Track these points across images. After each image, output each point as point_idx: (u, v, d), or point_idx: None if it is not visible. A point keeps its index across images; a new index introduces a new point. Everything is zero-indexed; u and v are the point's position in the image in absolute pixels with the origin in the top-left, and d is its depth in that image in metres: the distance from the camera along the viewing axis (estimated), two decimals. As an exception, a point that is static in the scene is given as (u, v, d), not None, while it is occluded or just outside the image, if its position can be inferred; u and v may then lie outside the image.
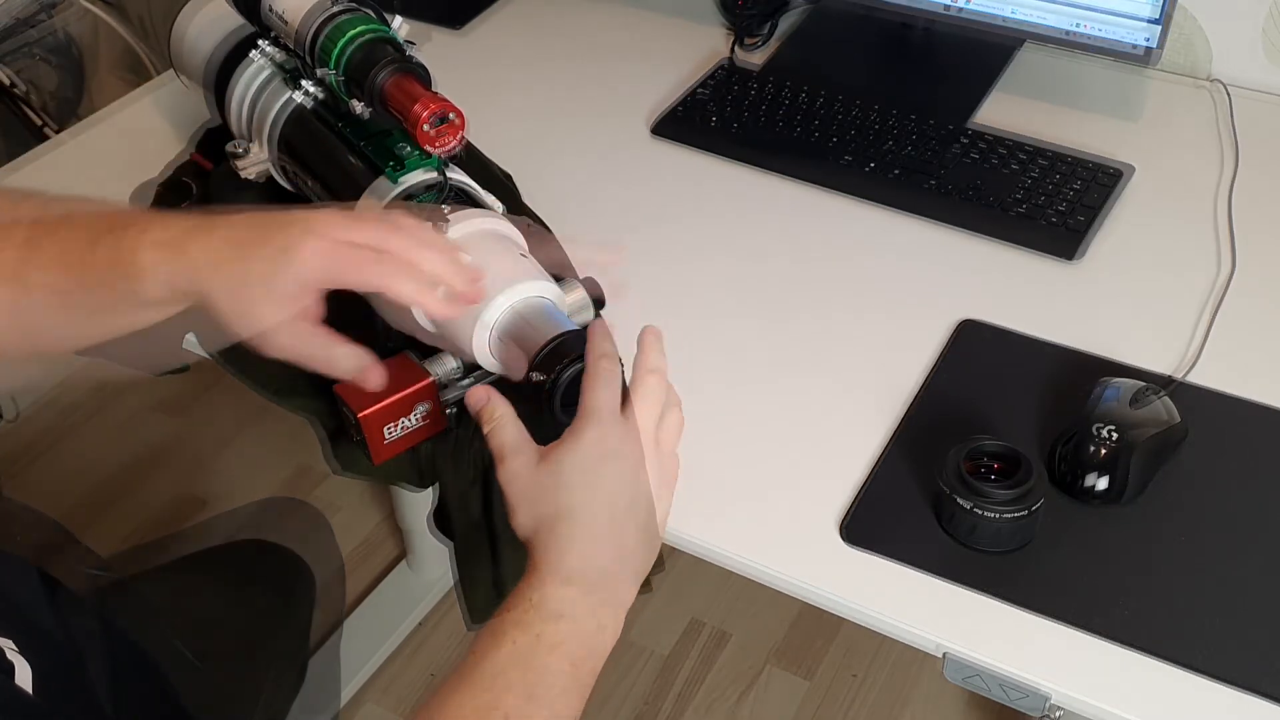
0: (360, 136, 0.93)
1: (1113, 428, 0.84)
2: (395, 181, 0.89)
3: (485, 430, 0.76)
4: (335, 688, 1.62)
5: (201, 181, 1.13)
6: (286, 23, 0.93)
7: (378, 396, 0.84)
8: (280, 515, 1.25)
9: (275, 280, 0.72)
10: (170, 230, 0.73)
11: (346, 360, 0.77)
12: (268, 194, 1.04)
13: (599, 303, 0.90)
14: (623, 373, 0.83)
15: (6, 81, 1.93)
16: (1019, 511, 0.80)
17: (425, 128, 0.84)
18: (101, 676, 0.86)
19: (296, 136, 0.98)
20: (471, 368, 0.87)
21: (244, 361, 0.97)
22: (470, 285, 0.75)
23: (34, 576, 0.89)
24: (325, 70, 0.90)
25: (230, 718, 1.07)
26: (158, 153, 1.19)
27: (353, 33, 0.88)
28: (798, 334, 1.00)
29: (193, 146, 1.18)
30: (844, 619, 0.82)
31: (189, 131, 1.21)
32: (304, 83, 0.98)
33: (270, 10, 0.95)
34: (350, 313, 0.89)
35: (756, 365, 0.98)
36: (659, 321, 1.00)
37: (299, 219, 0.74)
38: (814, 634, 1.73)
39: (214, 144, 1.17)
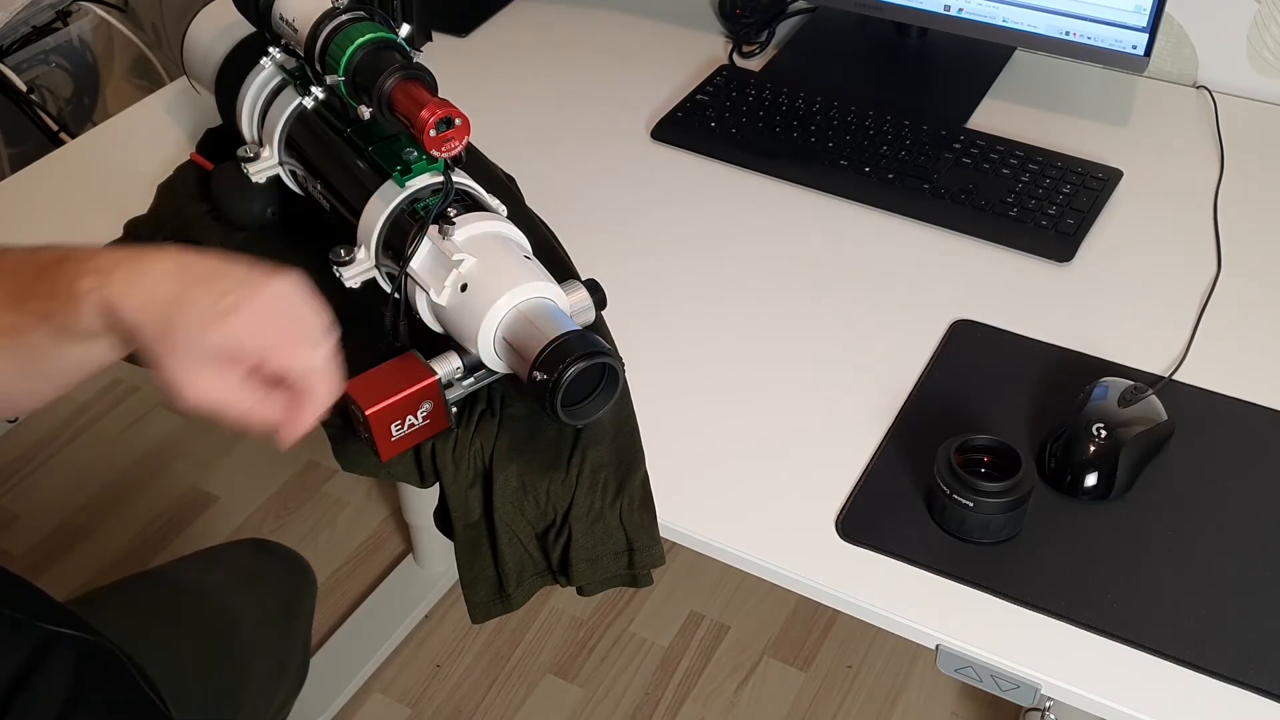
0: (367, 141, 0.94)
1: (1102, 425, 0.85)
2: (402, 185, 0.90)
3: None
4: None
5: (201, 182, 1.13)
6: (296, 30, 0.93)
7: (386, 394, 0.85)
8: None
9: (205, 337, 0.67)
10: (109, 259, 0.68)
11: (263, 418, 0.71)
12: (273, 196, 1.05)
13: (600, 303, 0.92)
14: (623, 373, 0.85)
15: (23, 87, 1.93)
16: (1007, 500, 0.81)
17: (431, 132, 0.84)
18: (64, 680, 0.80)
19: (304, 141, 0.99)
20: (474, 368, 0.88)
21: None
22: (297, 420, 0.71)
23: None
24: (333, 76, 0.90)
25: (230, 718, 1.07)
26: (170, 157, 1.18)
27: (360, 39, 0.88)
28: (796, 334, 1.01)
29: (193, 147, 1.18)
30: (840, 612, 0.83)
31: (200, 136, 1.21)
32: (313, 88, 0.98)
33: (280, 18, 0.95)
34: (360, 310, 0.91)
35: (755, 365, 0.98)
36: (658, 322, 1.02)
37: (243, 278, 0.69)
38: (810, 626, 1.74)
39: (213, 145, 1.17)
